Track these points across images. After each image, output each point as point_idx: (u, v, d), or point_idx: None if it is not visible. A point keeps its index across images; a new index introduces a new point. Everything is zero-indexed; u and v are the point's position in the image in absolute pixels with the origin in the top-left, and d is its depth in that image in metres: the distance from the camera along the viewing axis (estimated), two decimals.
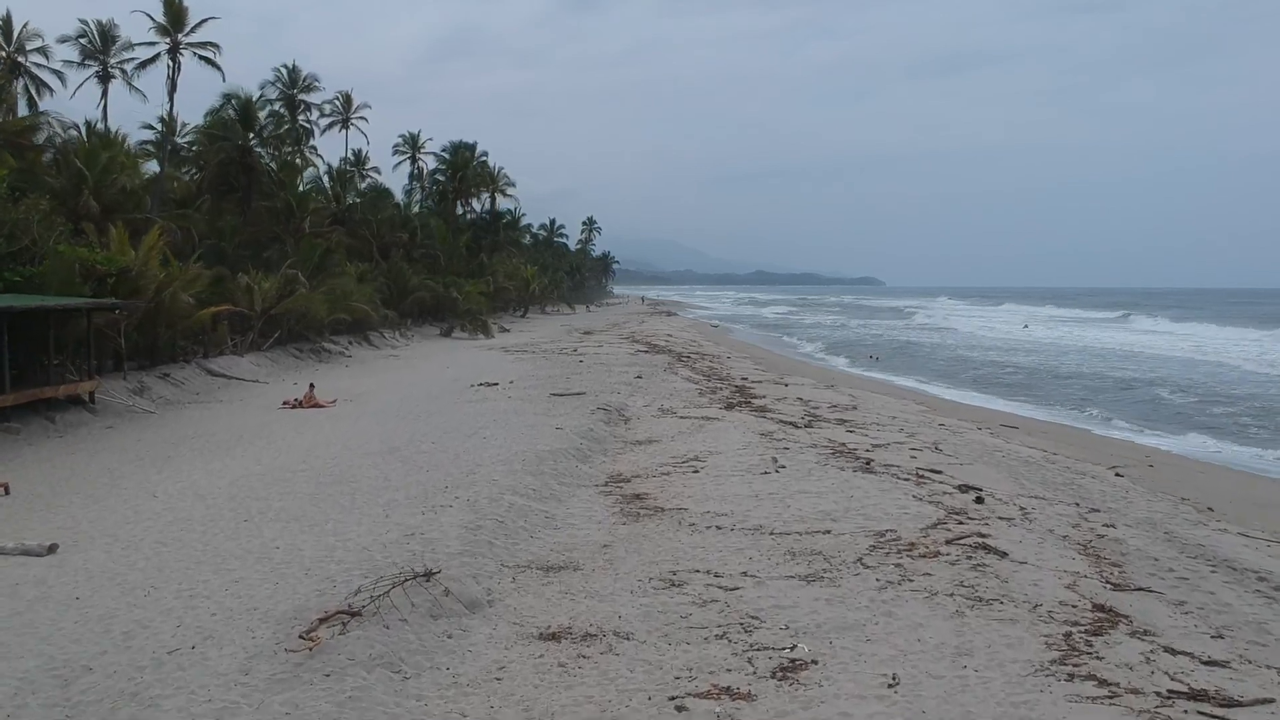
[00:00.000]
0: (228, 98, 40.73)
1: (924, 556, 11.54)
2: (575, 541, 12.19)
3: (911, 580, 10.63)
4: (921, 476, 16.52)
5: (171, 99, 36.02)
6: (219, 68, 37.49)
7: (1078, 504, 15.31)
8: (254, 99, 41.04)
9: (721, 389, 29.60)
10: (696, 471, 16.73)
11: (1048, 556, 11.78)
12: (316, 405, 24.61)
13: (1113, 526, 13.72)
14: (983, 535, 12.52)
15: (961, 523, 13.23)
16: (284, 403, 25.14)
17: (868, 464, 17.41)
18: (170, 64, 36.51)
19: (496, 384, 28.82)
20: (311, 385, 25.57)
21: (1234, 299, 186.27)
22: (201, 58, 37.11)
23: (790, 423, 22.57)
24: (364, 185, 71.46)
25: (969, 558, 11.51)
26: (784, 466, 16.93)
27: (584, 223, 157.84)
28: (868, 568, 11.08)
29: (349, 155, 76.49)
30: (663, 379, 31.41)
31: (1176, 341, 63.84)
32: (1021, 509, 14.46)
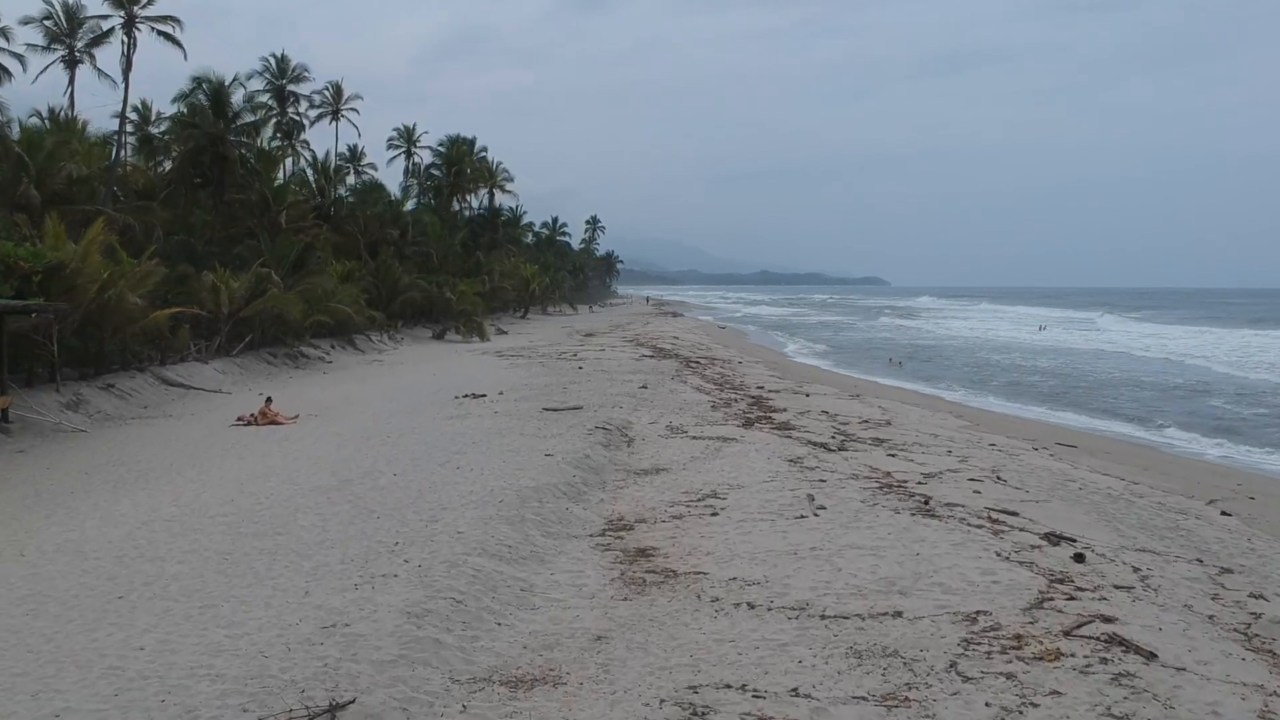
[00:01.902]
0: (198, 81, 37.55)
1: (1041, 659, 8.32)
2: (559, 631, 8.99)
3: (1035, 705, 7.42)
4: (995, 521, 13.30)
5: (126, 78, 32.85)
6: (180, 44, 34.38)
7: (1200, 560, 12.10)
8: (226, 82, 37.84)
9: (737, 401, 26.38)
10: (715, 514, 13.53)
11: (1206, 654, 8.57)
12: (274, 422, 21.44)
13: (1263, 598, 10.50)
14: (1108, 619, 9.29)
15: (1072, 597, 10.00)
16: (238, 418, 21.97)
17: (926, 503, 14.18)
18: (125, 39, 33.37)
19: (484, 395, 25.62)
20: (268, 399, 22.38)
21: (1234, 299, 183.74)
22: (160, 33, 33.95)
23: (821, 444, 19.36)
24: (355, 181, 68.55)
25: (1103, 660, 8.28)
26: (824, 508, 13.71)
27: (587, 221, 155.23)
28: (968, 680, 7.86)
29: (344, 151, 73.61)
30: (670, 389, 28.20)
31: (1204, 346, 60.58)
32: (1136, 570, 11.25)
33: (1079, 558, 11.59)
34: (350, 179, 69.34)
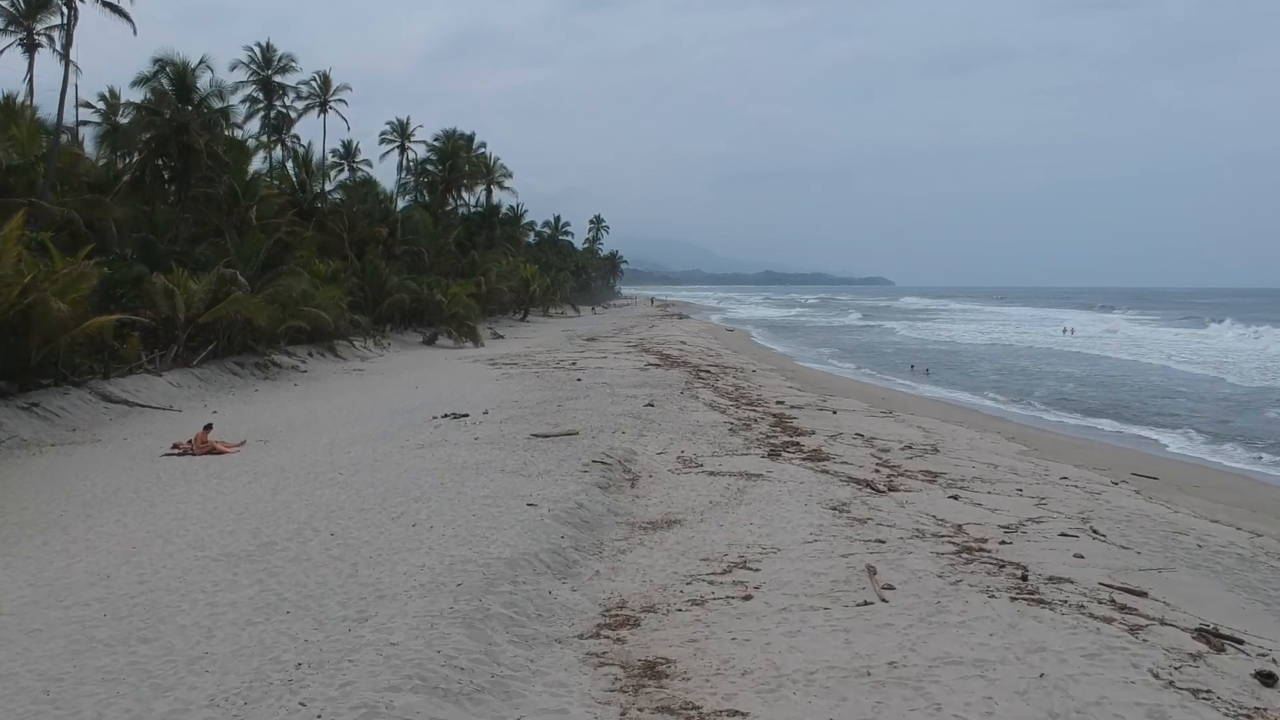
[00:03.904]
0: (161, 64, 34.18)
1: None
2: None
3: None
4: (1124, 608, 9.94)
5: (67, 54, 29.53)
6: (128, 17, 31.02)
7: None
8: (192, 65, 34.47)
9: (757, 421, 23.01)
10: (748, 596, 10.17)
11: None
12: (213, 451, 18.12)
13: None
14: None
15: None
16: (173, 446, 18.67)
17: (1023, 577, 10.80)
18: (66, 11, 30.02)
19: (466, 416, 22.28)
20: (207, 425, 19.03)
21: (1230, 299, 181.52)
22: (105, 3, 30.61)
23: (865, 482, 15.98)
24: (348, 177, 65.39)
25: None
26: (891, 587, 10.35)
27: (591, 221, 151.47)
28: None
29: (339, 147, 70.29)
30: (681, 405, 24.82)
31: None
32: None
33: (1267, 678, 8.23)
34: (343, 175, 66.24)
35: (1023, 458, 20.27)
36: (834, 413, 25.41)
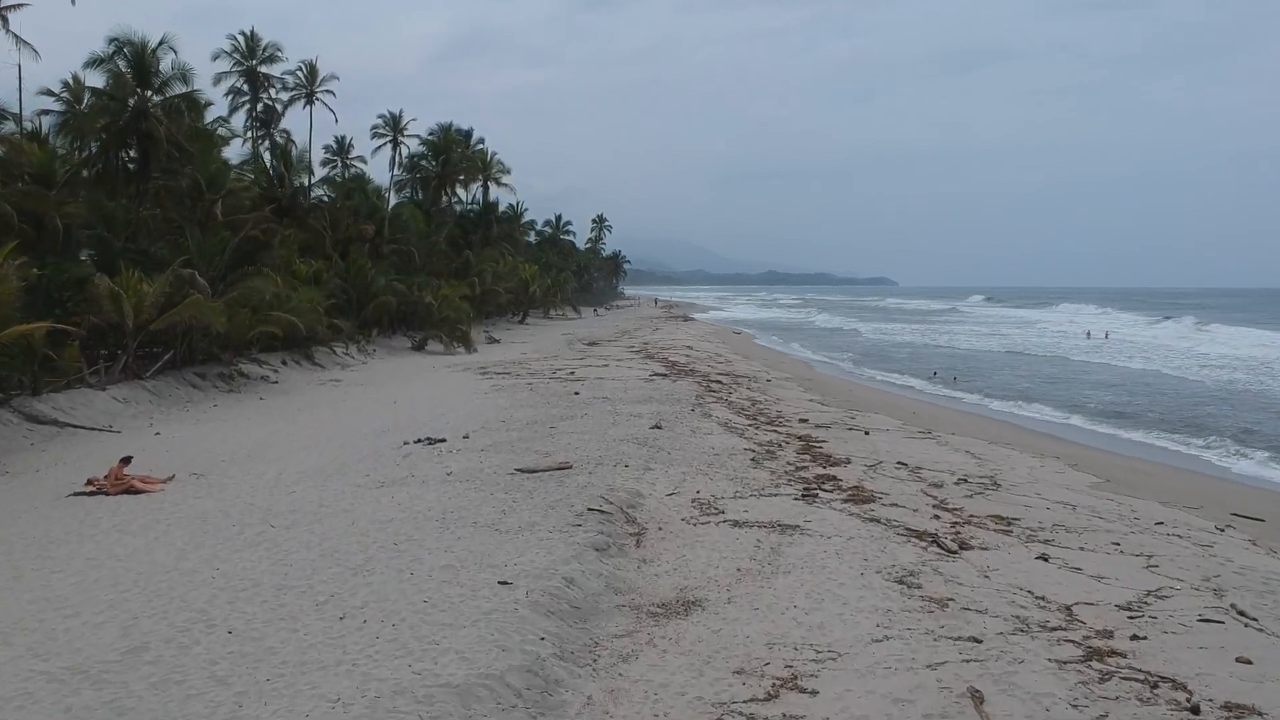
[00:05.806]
0: (118, 44, 31.10)
1: None
2: None
3: None
4: None
5: (4, 22, 26.48)
6: None
7: None
8: (152, 46, 31.33)
9: (782, 446, 19.84)
10: None
11: None
12: (130, 489, 15.00)
13: None
14: None
15: None
16: (88, 482, 15.55)
17: (1193, 710, 7.64)
18: None
19: (443, 440, 19.14)
20: (125, 457, 15.86)
21: (1222, 298, 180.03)
22: None
23: (930, 537, 12.79)
24: (339, 173, 62.42)
25: None
26: None
27: (594, 220, 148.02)
28: None
29: (333, 143, 67.24)
30: (693, 427, 21.63)
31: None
32: None
33: None
34: (335, 171, 63.28)
35: (1098, 493, 17.11)
36: (866, 433, 22.29)
